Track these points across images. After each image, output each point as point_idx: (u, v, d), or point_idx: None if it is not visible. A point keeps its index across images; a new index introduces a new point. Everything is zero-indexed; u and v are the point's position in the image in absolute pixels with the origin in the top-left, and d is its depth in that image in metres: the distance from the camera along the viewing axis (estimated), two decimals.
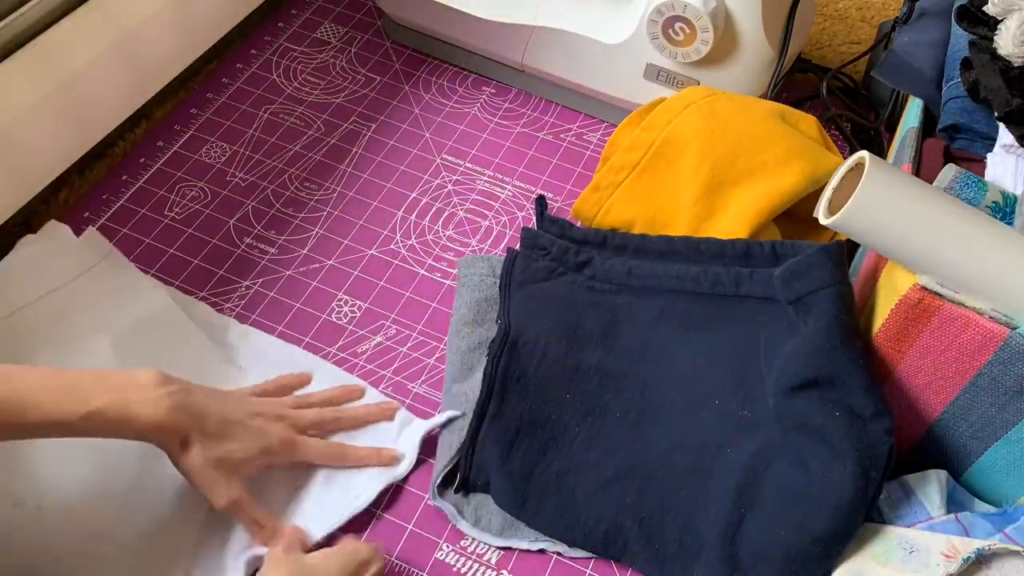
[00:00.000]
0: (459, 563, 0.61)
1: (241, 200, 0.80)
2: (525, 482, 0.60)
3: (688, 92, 0.74)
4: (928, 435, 0.58)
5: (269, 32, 0.95)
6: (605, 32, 0.81)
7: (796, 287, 0.59)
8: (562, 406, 0.63)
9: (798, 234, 0.73)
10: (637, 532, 0.58)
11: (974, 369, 0.53)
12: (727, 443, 0.60)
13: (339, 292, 0.74)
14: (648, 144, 0.72)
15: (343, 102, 0.89)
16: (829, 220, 0.53)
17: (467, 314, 0.69)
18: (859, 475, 0.52)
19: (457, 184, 0.82)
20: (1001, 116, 0.60)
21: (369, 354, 0.71)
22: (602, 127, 0.87)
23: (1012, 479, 0.57)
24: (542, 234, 0.72)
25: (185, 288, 0.74)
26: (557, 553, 0.61)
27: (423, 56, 0.94)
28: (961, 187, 0.57)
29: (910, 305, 0.53)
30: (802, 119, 0.74)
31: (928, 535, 0.53)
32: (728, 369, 0.63)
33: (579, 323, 0.67)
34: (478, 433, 0.62)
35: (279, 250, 0.77)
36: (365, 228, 0.79)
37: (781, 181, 0.68)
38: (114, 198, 0.79)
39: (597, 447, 0.62)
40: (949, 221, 0.51)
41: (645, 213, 0.72)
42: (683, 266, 0.67)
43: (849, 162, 0.54)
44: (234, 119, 0.86)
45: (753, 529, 0.55)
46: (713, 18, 0.73)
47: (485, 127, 0.87)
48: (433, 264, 0.76)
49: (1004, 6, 0.60)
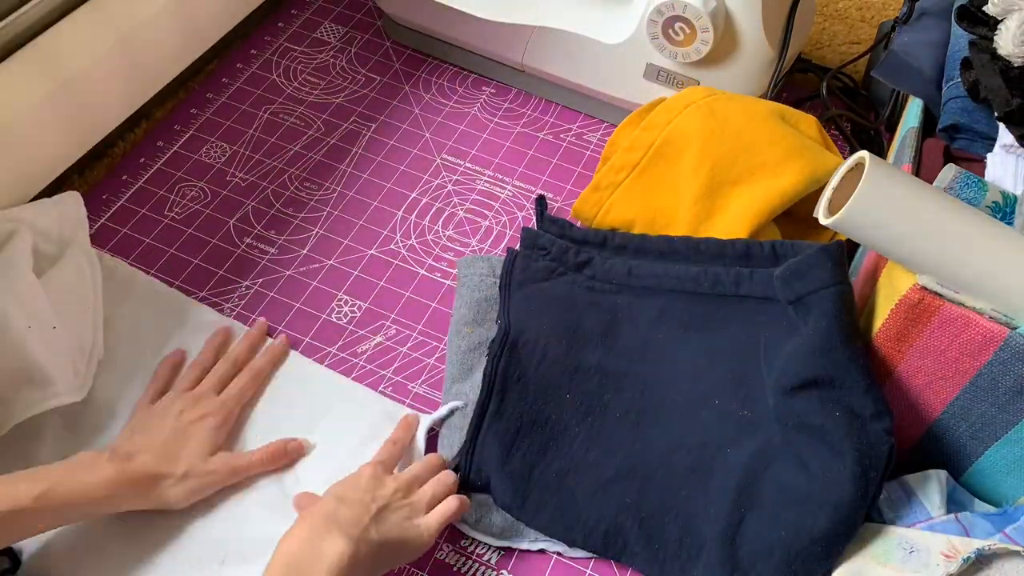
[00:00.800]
0: (459, 563, 0.61)
1: (241, 200, 0.80)
2: (525, 482, 0.60)
3: (688, 92, 0.74)
4: (928, 435, 0.58)
5: (269, 32, 0.95)
6: (605, 32, 0.81)
7: (796, 287, 0.59)
8: (562, 406, 0.63)
9: (798, 234, 0.73)
10: (637, 532, 0.58)
11: (974, 369, 0.53)
12: (727, 443, 0.60)
13: (339, 292, 0.74)
14: (648, 144, 0.72)
15: (343, 102, 0.89)
16: (829, 220, 0.53)
17: (467, 314, 0.69)
18: (859, 475, 0.52)
19: (457, 184, 0.82)
20: (1001, 116, 0.60)
21: (369, 354, 0.71)
22: (602, 127, 0.87)
23: (1012, 479, 0.57)
24: (542, 234, 0.72)
25: (185, 288, 0.74)
26: (557, 553, 0.61)
27: (423, 56, 0.94)
28: (961, 187, 0.57)
29: (910, 305, 0.53)
30: (802, 119, 0.74)
31: (928, 535, 0.53)
32: (728, 369, 0.63)
33: (579, 323, 0.67)
34: (478, 433, 0.62)
35: (279, 250, 0.77)
36: (365, 228, 0.79)
37: (781, 181, 0.68)
38: (114, 198, 0.79)
39: (597, 447, 0.62)
40: (949, 221, 0.51)
41: (645, 213, 0.72)
42: (683, 266, 0.67)
43: (849, 162, 0.54)
44: (234, 119, 0.86)
45: (753, 529, 0.55)
46: (713, 18, 0.73)
47: (485, 127, 0.87)
48: (433, 264, 0.76)
49: (1004, 6, 0.60)
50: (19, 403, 0.62)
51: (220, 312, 0.72)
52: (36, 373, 0.62)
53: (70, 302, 0.68)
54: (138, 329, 0.70)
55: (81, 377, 0.65)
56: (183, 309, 0.71)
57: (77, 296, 0.69)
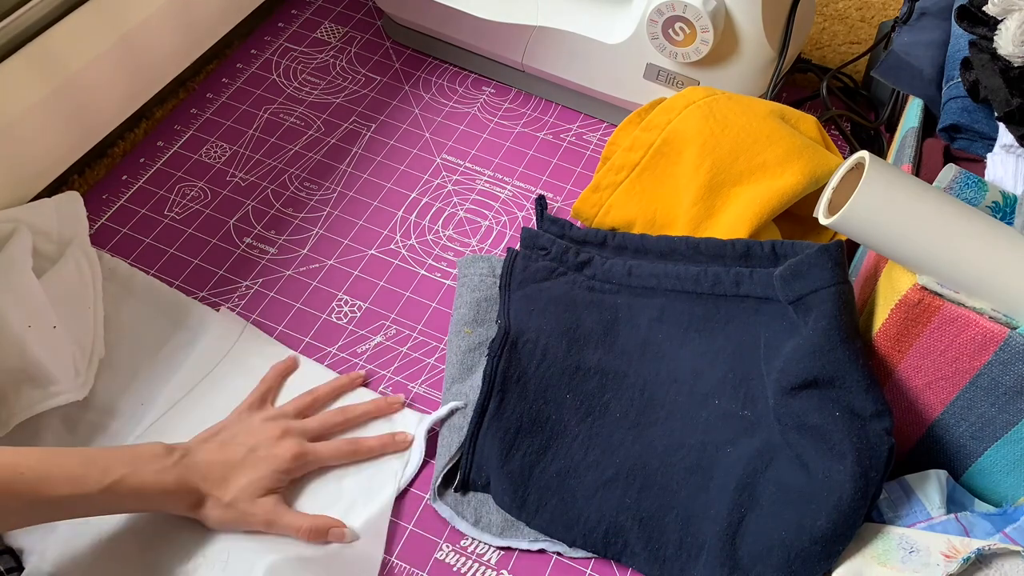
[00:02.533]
0: (459, 563, 0.61)
1: (241, 200, 0.80)
2: (525, 482, 0.60)
3: (688, 92, 0.74)
4: (928, 435, 0.58)
5: (269, 32, 0.95)
6: (605, 32, 0.81)
7: (796, 287, 0.59)
8: (562, 406, 0.63)
9: (798, 234, 0.73)
10: (637, 532, 0.58)
11: (974, 369, 0.53)
12: (727, 443, 0.60)
13: (339, 292, 0.74)
14: (648, 144, 0.72)
15: (343, 102, 0.89)
16: (829, 220, 0.53)
17: (467, 314, 0.69)
18: (859, 475, 0.52)
19: (457, 184, 0.82)
20: (1001, 116, 0.60)
21: (369, 354, 0.71)
22: (602, 127, 0.87)
23: (1012, 479, 0.57)
24: (542, 234, 0.72)
25: (185, 288, 0.74)
26: (557, 553, 0.61)
27: (423, 56, 0.93)
28: (961, 187, 0.57)
29: (910, 305, 0.53)
30: (802, 119, 0.74)
31: (928, 535, 0.53)
32: (728, 369, 0.63)
33: (579, 323, 0.67)
34: (478, 433, 0.62)
35: (279, 250, 0.77)
36: (365, 228, 0.79)
37: (781, 181, 0.68)
38: (114, 198, 0.79)
39: (597, 447, 0.62)
40: (949, 221, 0.51)
41: (645, 213, 0.72)
42: (683, 266, 0.67)
43: (849, 162, 0.54)
44: (234, 119, 0.86)
45: (753, 529, 0.55)
46: (713, 18, 0.73)
47: (485, 127, 0.87)
48: (433, 264, 0.76)
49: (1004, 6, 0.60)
50: (21, 402, 0.62)
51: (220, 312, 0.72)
52: (37, 372, 0.62)
53: (70, 302, 0.68)
54: (138, 329, 0.70)
55: (82, 376, 0.65)
56: (183, 309, 0.71)
57: (77, 296, 0.69)
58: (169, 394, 0.67)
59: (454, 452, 0.62)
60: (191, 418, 0.65)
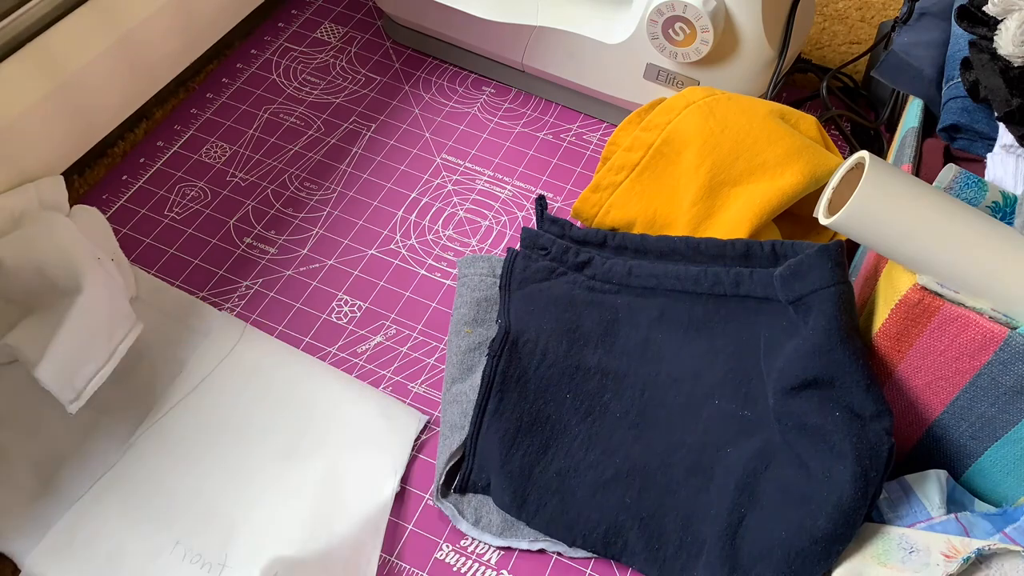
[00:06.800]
0: (459, 563, 0.61)
1: (241, 200, 0.80)
2: (525, 482, 0.60)
3: (688, 92, 0.74)
4: (928, 435, 0.58)
5: (269, 32, 0.95)
6: (605, 32, 0.81)
7: (796, 287, 0.59)
8: (562, 406, 0.63)
9: (798, 234, 0.73)
10: (637, 532, 0.58)
11: (974, 369, 0.53)
12: (727, 443, 0.60)
13: (339, 292, 0.74)
14: (648, 144, 0.72)
15: (343, 102, 0.89)
16: (829, 220, 0.53)
17: (467, 314, 0.69)
18: (859, 475, 0.52)
19: (457, 184, 0.82)
20: (1001, 116, 0.60)
21: (369, 354, 0.71)
22: (602, 127, 0.87)
23: (1012, 479, 0.57)
24: (542, 234, 0.72)
25: (185, 288, 0.74)
26: (557, 553, 0.61)
27: (423, 56, 0.94)
28: (961, 187, 0.57)
29: (910, 305, 0.53)
30: (802, 119, 0.74)
31: (928, 535, 0.53)
32: (728, 369, 0.63)
33: (579, 323, 0.67)
34: (478, 433, 0.62)
35: (279, 250, 0.77)
36: (365, 228, 0.79)
37: (781, 181, 0.68)
38: (114, 198, 0.79)
39: (597, 447, 0.62)
40: (949, 221, 0.51)
41: (645, 213, 0.72)
42: (683, 266, 0.67)
43: (849, 162, 0.54)
44: (234, 119, 0.86)
45: (753, 529, 0.55)
46: (713, 18, 0.73)
47: (485, 127, 0.87)
48: (433, 264, 0.76)
49: (1004, 6, 0.60)
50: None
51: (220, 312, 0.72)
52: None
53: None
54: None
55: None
56: (184, 309, 0.71)
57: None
58: (169, 394, 0.67)
59: (455, 450, 0.62)
60: (191, 418, 0.65)
